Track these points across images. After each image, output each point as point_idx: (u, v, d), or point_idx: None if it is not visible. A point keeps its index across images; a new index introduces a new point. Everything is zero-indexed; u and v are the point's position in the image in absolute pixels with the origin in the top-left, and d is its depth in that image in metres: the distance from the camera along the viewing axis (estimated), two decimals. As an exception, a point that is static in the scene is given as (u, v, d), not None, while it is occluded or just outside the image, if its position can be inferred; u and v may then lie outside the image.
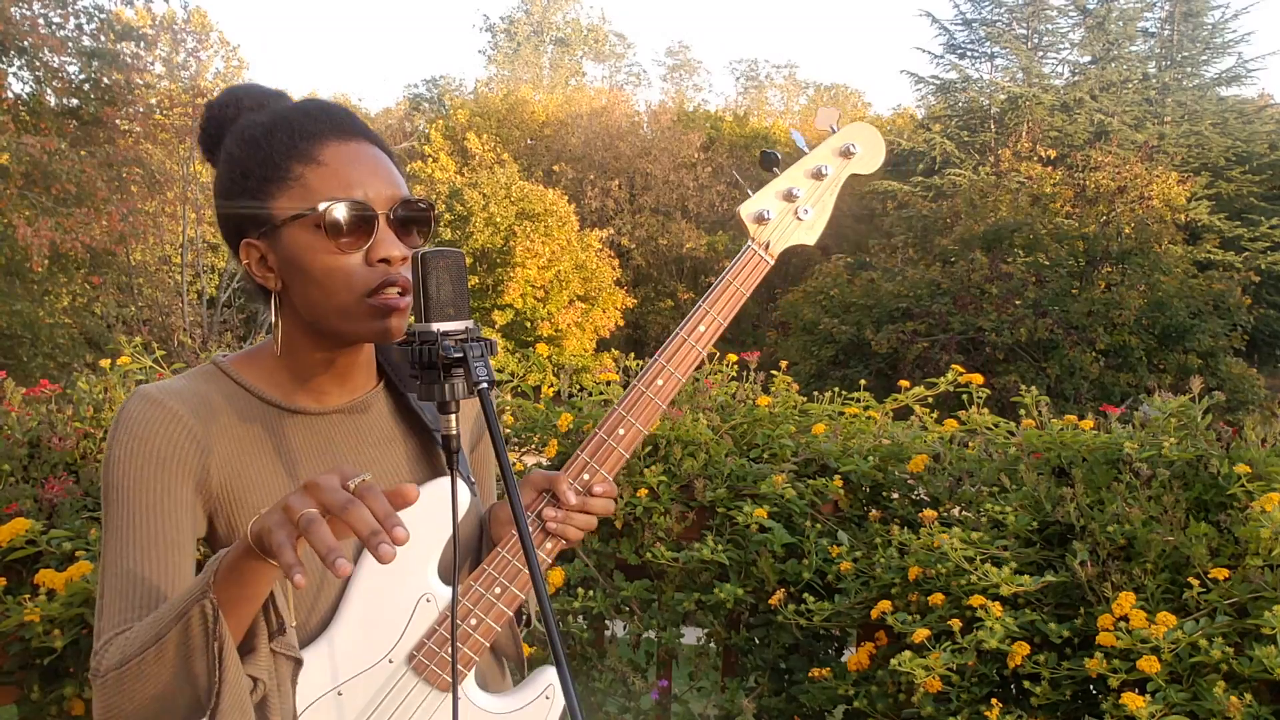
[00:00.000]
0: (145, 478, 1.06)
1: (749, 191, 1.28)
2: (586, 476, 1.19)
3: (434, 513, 1.13)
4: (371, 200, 1.08)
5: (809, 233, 1.29)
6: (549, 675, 1.21)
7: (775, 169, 1.28)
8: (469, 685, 1.16)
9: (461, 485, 1.06)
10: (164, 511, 1.06)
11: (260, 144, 1.09)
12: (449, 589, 1.14)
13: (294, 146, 1.08)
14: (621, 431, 1.20)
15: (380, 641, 1.12)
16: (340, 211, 1.06)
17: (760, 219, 1.26)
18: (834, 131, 1.29)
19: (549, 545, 1.18)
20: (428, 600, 1.13)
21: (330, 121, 1.10)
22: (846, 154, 1.30)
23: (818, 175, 1.28)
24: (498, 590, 1.15)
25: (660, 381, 1.21)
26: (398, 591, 1.13)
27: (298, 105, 1.14)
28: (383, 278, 1.08)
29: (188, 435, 1.08)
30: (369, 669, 1.12)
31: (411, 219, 1.11)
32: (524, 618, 1.30)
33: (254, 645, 0.99)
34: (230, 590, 0.93)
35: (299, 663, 1.04)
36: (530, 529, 1.15)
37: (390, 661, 1.12)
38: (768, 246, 1.26)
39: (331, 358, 1.15)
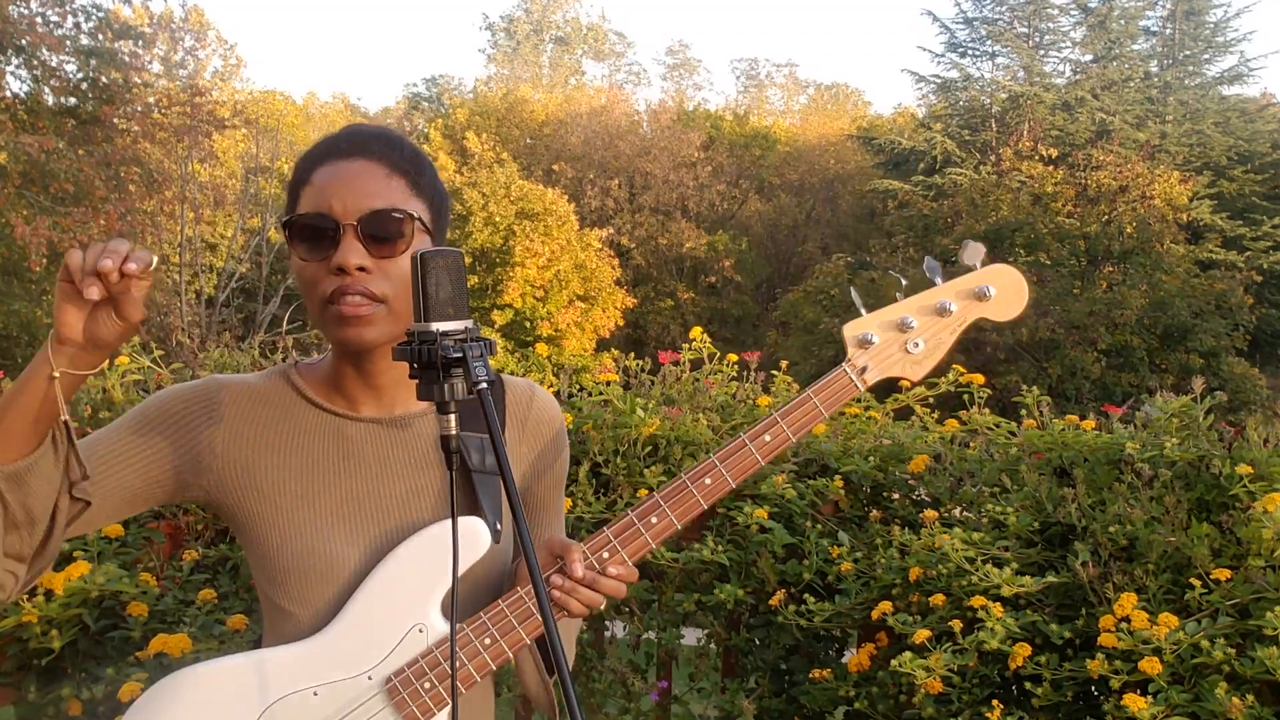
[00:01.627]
0: (144, 416, 1.18)
1: (861, 311, 1.20)
2: (606, 555, 1.15)
3: (450, 547, 1.12)
4: (338, 212, 1.11)
5: (915, 368, 1.20)
6: None
7: (897, 294, 1.21)
8: None
9: (481, 525, 1.13)
10: (137, 444, 1.17)
11: (292, 172, 1.21)
12: (445, 625, 1.14)
13: (303, 170, 1.17)
14: (654, 520, 1.15)
15: (366, 656, 1.12)
16: (296, 223, 1.14)
17: (863, 343, 1.19)
18: (974, 269, 1.20)
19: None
20: (420, 630, 1.13)
21: (334, 144, 1.17)
22: (980, 297, 1.19)
23: (941, 312, 1.19)
24: (488, 641, 1.13)
25: (708, 480, 1.16)
26: (394, 614, 1.13)
27: (330, 134, 1.22)
28: (336, 285, 1.11)
29: (205, 412, 1.18)
30: (347, 679, 1.12)
31: (379, 230, 1.11)
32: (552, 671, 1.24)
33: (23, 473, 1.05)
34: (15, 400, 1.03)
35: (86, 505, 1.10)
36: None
37: (369, 679, 1.12)
38: (863, 371, 1.19)
39: (358, 367, 1.19)
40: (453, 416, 1.01)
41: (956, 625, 1.92)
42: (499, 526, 1.19)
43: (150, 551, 2.25)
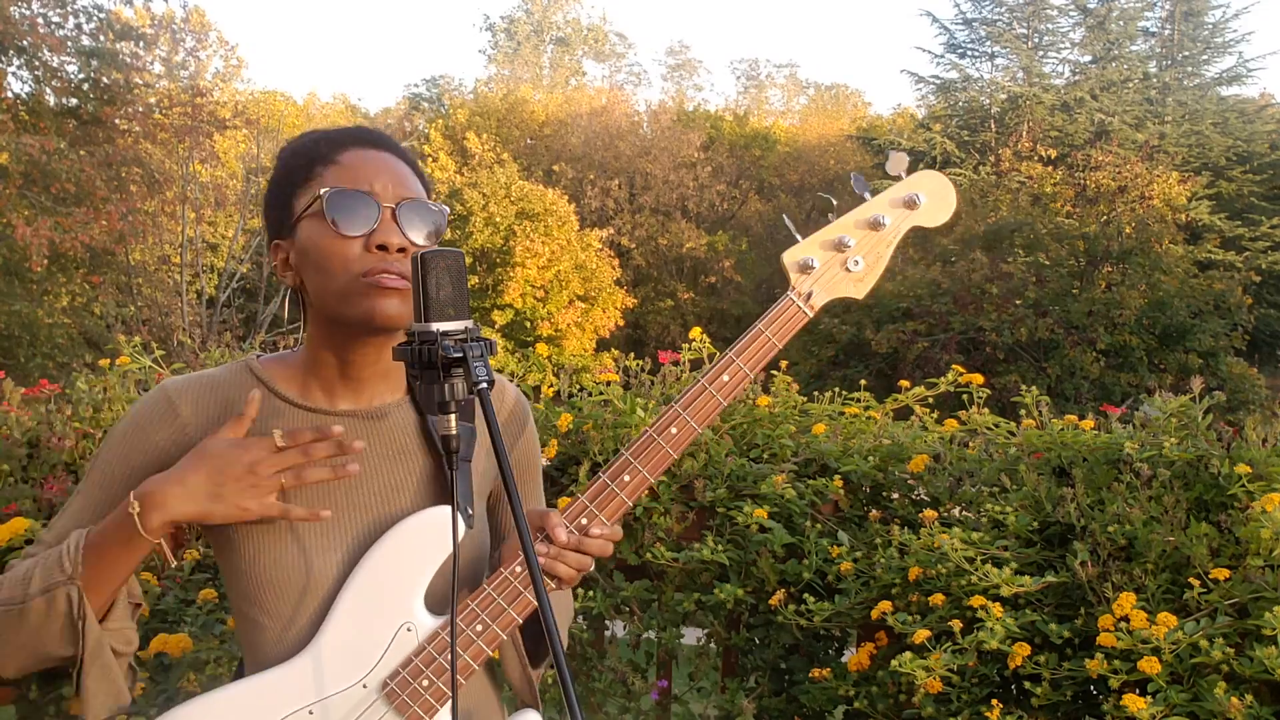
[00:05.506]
0: (119, 449, 1.17)
1: (797, 236, 1.20)
2: (585, 521, 1.15)
3: (426, 540, 1.12)
4: (378, 194, 1.13)
5: (858, 286, 1.20)
6: (526, 718, 1.19)
7: (830, 215, 1.21)
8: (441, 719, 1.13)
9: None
10: (118, 477, 1.16)
11: (291, 157, 1.19)
12: (433, 619, 1.13)
13: (317, 152, 1.16)
14: (627, 478, 1.14)
15: (357, 665, 1.10)
16: (338, 195, 1.11)
17: (804, 268, 1.18)
18: (900, 179, 1.21)
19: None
20: (409, 629, 1.11)
21: (355, 133, 1.19)
22: (910, 205, 1.20)
23: (874, 225, 1.20)
24: (479, 627, 1.12)
25: (674, 430, 1.14)
26: (380, 617, 1.11)
27: (333, 126, 1.23)
28: (378, 262, 1.11)
29: (176, 429, 1.15)
30: (343, 691, 1.10)
31: (418, 217, 1.14)
32: (543, 658, 1.25)
33: (116, 615, 1.14)
34: (104, 565, 1.09)
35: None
36: (521, 567, 1.12)
37: (364, 687, 1.10)
38: (809, 297, 1.18)
39: (343, 358, 1.16)
40: (452, 417, 1.02)
41: (956, 625, 1.92)
42: (470, 512, 1.18)
43: (151, 551, 2.25)
